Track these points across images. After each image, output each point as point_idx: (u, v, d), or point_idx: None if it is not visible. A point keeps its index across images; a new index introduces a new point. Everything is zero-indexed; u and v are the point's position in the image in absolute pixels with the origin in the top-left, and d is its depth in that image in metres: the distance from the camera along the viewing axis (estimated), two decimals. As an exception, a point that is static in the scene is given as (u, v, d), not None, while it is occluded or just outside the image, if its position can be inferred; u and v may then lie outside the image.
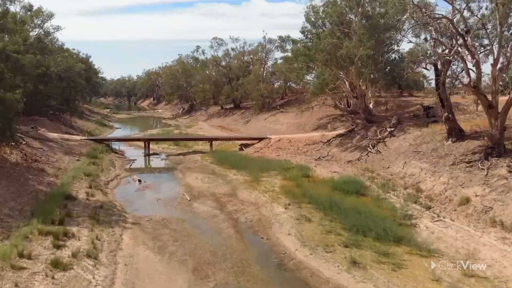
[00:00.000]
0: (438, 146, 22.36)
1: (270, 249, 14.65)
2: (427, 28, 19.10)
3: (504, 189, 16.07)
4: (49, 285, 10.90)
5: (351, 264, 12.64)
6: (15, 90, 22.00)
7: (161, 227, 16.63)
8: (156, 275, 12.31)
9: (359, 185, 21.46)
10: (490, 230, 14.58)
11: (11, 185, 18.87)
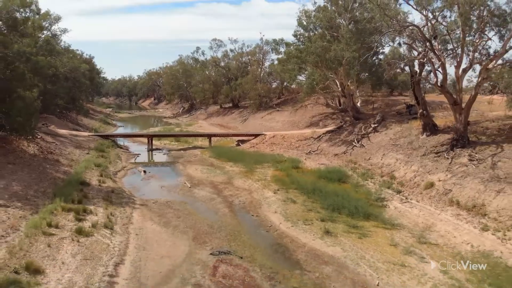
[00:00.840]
0: (413, 140, 24.87)
1: (259, 223, 17.17)
2: (401, 34, 21.59)
3: (463, 174, 18.57)
4: (75, 246, 13.38)
5: (324, 234, 15.15)
6: (32, 89, 24.50)
7: (165, 208, 19.13)
8: (162, 242, 14.80)
9: (342, 174, 24.01)
10: (447, 209, 17.09)
11: (33, 172, 21.37)
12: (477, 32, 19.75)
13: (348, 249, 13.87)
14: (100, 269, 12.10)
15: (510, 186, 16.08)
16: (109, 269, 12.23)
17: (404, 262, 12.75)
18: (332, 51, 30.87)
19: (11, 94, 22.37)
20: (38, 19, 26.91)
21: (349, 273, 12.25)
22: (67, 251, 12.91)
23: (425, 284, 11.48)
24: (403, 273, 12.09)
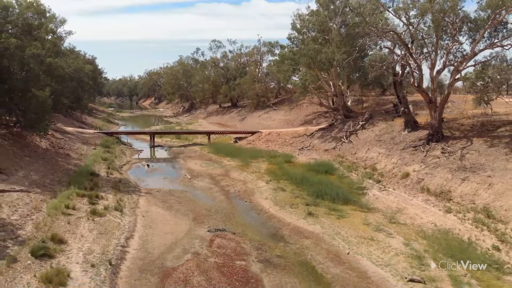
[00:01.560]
0: (396, 135, 27.02)
1: (251, 208, 19.32)
2: (382, 39, 23.72)
3: (435, 165, 20.73)
4: (91, 223, 15.52)
5: (307, 215, 17.30)
6: (45, 89, 26.63)
7: (168, 195, 21.27)
8: (166, 222, 16.94)
9: (329, 167, 26.17)
10: (419, 195, 19.25)
11: (47, 164, 23.53)
12: (450, 37, 21.85)
13: (326, 227, 16.02)
14: (113, 241, 14.24)
15: (474, 175, 18.24)
16: (121, 241, 14.37)
17: (373, 237, 14.90)
18: (323, 53, 32.95)
19: (27, 93, 24.50)
20: (47, 22, 28.83)
21: (325, 245, 14.40)
22: (84, 227, 15.06)
23: (388, 253, 13.62)
24: (371, 245, 14.24)
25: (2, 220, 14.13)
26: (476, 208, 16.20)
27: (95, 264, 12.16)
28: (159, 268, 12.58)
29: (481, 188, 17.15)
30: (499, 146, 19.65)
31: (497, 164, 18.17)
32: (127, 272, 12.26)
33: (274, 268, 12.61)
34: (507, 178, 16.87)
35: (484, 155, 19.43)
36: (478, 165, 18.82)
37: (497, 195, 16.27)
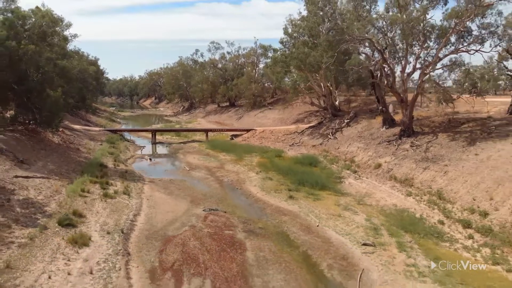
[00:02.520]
0: (374, 132, 29.89)
1: (241, 193, 22.20)
2: (360, 45, 26.58)
3: (403, 157, 23.61)
4: (104, 204, 18.37)
5: (288, 198, 20.18)
6: (57, 89, 29.48)
7: (169, 183, 24.13)
8: (167, 203, 19.79)
9: (314, 160, 29.04)
10: (387, 182, 22.12)
11: (61, 157, 26.39)
12: (419, 44, 24.71)
13: (303, 207, 18.89)
14: (123, 216, 17.10)
15: (434, 164, 21.12)
16: (130, 217, 17.23)
17: (340, 214, 17.77)
18: (311, 57, 35.77)
19: (42, 94, 27.34)
20: (60, 30, 31.66)
21: (300, 220, 17.27)
22: (98, 206, 17.92)
23: (351, 226, 16.47)
24: (337, 220, 17.10)
25: (31, 199, 17.00)
26: (432, 191, 19.08)
27: (110, 232, 15.03)
28: (162, 236, 15.43)
29: (438, 175, 20.03)
30: (459, 140, 22.50)
31: (454, 155, 21.04)
32: (136, 239, 15.12)
33: (256, 236, 15.47)
34: (459, 166, 19.74)
35: (445, 148, 22.31)
36: (438, 156, 21.69)
37: (449, 181, 19.15)
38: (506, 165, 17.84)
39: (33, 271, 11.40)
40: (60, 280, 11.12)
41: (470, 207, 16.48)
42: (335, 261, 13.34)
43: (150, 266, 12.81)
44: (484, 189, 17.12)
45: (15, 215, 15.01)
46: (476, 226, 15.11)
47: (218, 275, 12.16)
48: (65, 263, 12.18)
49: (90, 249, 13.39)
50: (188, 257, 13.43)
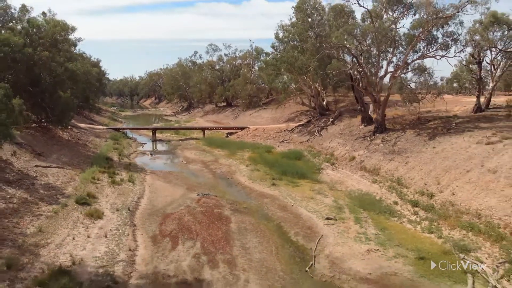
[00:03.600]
0: (354, 129, 33.04)
1: (231, 182, 25.38)
2: (338, 51, 29.75)
3: (374, 150, 26.77)
4: (112, 189, 21.51)
5: (271, 185, 23.34)
6: (67, 91, 32.64)
7: (168, 174, 27.28)
8: (166, 189, 22.93)
9: (299, 154, 32.17)
10: (358, 172, 25.28)
11: (71, 151, 29.55)
12: (389, 50, 27.89)
13: (282, 192, 22.06)
14: (129, 199, 20.25)
15: (398, 156, 24.28)
16: (135, 199, 20.38)
17: (313, 197, 20.93)
18: (299, 60, 38.89)
19: (54, 95, 30.50)
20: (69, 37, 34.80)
21: (278, 201, 20.44)
22: (108, 190, 21.08)
23: (320, 205, 19.61)
24: (309, 201, 20.26)
25: (51, 184, 20.18)
26: (393, 179, 22.26)
27: (119, 209, 18.19)
28: (161, 213, 18.57)
29: (400, 165, 23.21)
30: (422, 135, 25.66)
31: (415, 148, 24.21)
32: (140, 215, 18.26)
33: (240, 213, 18.63)
34: (418, 158, 22.91)
35: (410, 142, 25.48)
36: (403, 149, 24.86)
37: (408, 170, 22.33)
38: (455, 155, 21.01)
39: (60, 234, 14.55)
40: (82, 240, 14.27)
41: (421, 191, 19.66)
42: (302, 230, 16.50)
43: (152, 233, 15.96)
44: (434, 175, 20.30)
45: (40, 195, 18.18)
46: (422, 205, 18.28)
47: (206, 239, 15.31)
48: (84, 229, 15.34)
49: (103, 221, 16.55)
50: (183, 228, 16.58)
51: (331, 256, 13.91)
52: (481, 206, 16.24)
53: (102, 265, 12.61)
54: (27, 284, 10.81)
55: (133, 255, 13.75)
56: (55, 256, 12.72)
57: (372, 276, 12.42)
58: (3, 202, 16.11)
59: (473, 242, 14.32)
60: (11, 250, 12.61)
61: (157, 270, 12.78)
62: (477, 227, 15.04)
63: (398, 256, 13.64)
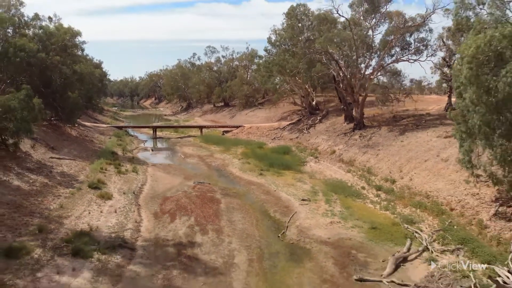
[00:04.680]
0: (338, 126, 36.14)
1: (224, 173, 28.47)
2: (322, 56, 32.86)
3: (352, 145, 29.86)
4: (119, 177, 24.57)
5: (259, 175, 26.41)
6: (75, 91, 35.72)
7: (167, 166, 30.36)
8: (166, 178, 25.99)
9: (287, 149, 35.27)
10: (337, 164, 28.37)
11: (80, 146, 32.63)
12: (366, 55, 30.99)
13: (268, 180, 25.15)
14: (134, 185, 23.31)
15: (371, 149, 27.38)
16: (139, 185, 23.44)
17: (294, 184, 24.01)
18: (289, 63, 41.95)
19: (64, 95, 33.57)
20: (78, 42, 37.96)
21: (263, 188, 23.52)
22: (115, 178, 24.15)
23: (298, 190, 22.68)
24: (290, 187, 23.34)
25: (66, 172, 23.26)
26: (364, 168, 25.35)
27: (125, 193, 21.26)
28: (162, 196, 21.63)
29: (372, 157, 26.31)
30: (394, 131, 28.75)
31: (386, 142, 27.31)
32: (143, 198, 21.32)
33: (229, 196, 21.71)
34: (387, 150, 26.01)
35: (383, 137, 28.57)
36: (376, 143, 27.96)
37: (378, 161, 25.42)
38: (417, 148, 24.10)
39: (78, 209, 17.61)
40: (96, 214, 17.33)
41: (385, 178, 22.76)
42: (279, 208, 19.59)
43: (154, 211, 19.02)
44: (398, 165, 23.40)
45: (58, 181, 21.26)
46: (384, 189, 21.38)
47: (199, 215, 18.37)
48: (97, 207, 18.41)
49: (113, 201, 19.62)
50: (180, 207, 19.64)
51: (300, 226, 16.98)
52: (431, 188, 19.34)
53: (114, 231, 15.67)
54: (56, 242, 13.85)
55: (139, 226, 16.83)
56: (75, 225, 15.78)
57: (330, 240, 15.48)
58: (28, 185, 19.19)
59: (419, 217, 17.41)
60: (39, 220, 15.65)
61: (158, 236, 15.86)
62: (424, 205, 18.13)
63: (355, 227, 16.71)
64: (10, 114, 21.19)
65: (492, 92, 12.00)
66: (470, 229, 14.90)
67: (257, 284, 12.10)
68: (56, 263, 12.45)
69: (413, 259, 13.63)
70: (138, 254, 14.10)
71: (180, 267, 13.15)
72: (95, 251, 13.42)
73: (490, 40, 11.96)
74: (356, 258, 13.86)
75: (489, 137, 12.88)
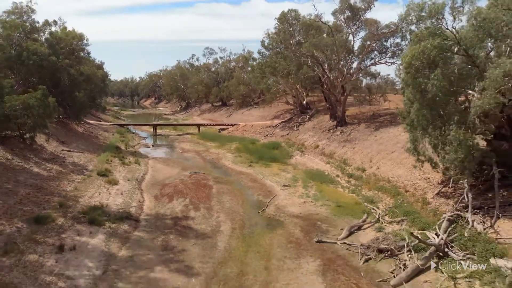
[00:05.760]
0: (324, 124, 39.26)
1: (218, 165, 31.61)
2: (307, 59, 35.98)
3: (333, 140, 32.99)
4: (123, 167, 27.68)
5: (249, 166, 29.55)
6: (81, 91, 38.85)
7: (167, 160, 33.48)
8: (165, 169, 29.10)
9: (277, 144, 38.39)
10: (319, 157, 31.49)
11: (86, 141, 35.75)
12: (346, 59, 34.12)
13: (256, 170, 28.27)
14: (136, 174, 26.43)
15: (349, 144, 30.51)
16: (141, 174, 26.56)
17: (278, 173, 27.13)
18: (281, 65, 45.03)
19: (72, 95, 36.69)
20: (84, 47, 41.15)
21: (251, 176, 26.64)
22: (120, 168, 27.26)
23: (281, 178, 25.78)
24: (275, 176, 26.46)
25: (76, 163, 26.38)
26: (341, 160, 28.48)
27: (129, 180, 24.37)
28: (161, 183, 24.74)
29: (349, 150, 29.44)
30: (371, 127, 31.86)
31: (363, 137, 30.43)
32: (145, 184, 24.43)
33: (220, 183, 24.82)
34: (362, 144, 29.14)
35: (360, 133, 31.69)
36: (354, 138, 31.08)
37: (353, 153, 28.55)
38: (387, 141, 27.22)
39: (89, 191, 20.71)
40: (105, 195, 20.44)
41: (357, 167, 25.88)
42: (263, 192, 22.71)
43: (154, 194, 22.13)
44: (369, 156, 26.53)
45: (70, 169, 24.38)
46: (354, 176, 24.50)
47: (193, 197, 21.49)
48: (106, 190, 21.52)
49: (119, 186, 22.73)
50: (177, 191, 22.74)
51: (278, 205, 20.11)
52: (393, 175, 22.47)
53: (121, 208, 18.79)
54: (75, 214, 16.95)
55: (142, 205, 19.96)
56: (89, 202, 18.89)
57: (301, 214, 18.60)
58: (46, 172, 22.30)
59: (379, 197, 20.52)
60: (59, 198, 18.75)
61: (158, 212, 18.98)
62: (385, 188, 21.24)
63: (324, 205, 19.84)
64: (29, 111, 24.33)
65: (424, 92, 15.09)
66: (416, 205, 18.01)
67: (237, 244, 15.20)
68: (76, 228, 15.57)
69: (366, 228, 16.74)
70: (142, 224, 17.23)
71: (176, 233, 16.26)
72: (107, 221, 16.52)
73: (423, 49, 15.02)
74: (320, 227, 16.98)
75: (425, 128, 15.97)
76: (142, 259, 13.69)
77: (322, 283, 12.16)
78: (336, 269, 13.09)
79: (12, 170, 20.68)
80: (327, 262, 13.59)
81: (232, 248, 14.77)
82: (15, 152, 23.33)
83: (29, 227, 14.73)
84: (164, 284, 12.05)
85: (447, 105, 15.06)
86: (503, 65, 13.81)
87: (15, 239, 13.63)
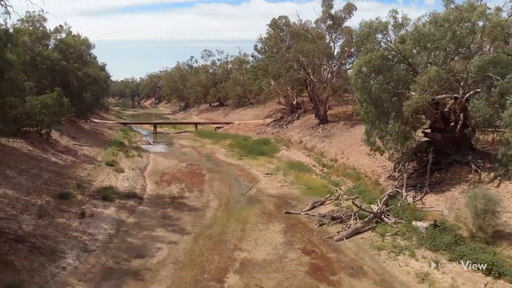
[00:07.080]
0: (309, 122, 43.12)
1: (212, 158, 35.49)
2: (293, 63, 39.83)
3: (315, 136, 36.87)
4: (127, 159, 31.53)
5: (239, 159, 33.44)
6: (88, 92, 42.73)
7: (166, 154, 37.36)
8: (165, 161, 32.96)
9: (267, 141, 42.28)
10: (302, 150, 35.37)
11: (93, 137, 39.63)
12: (327, 63, 37.98)
13: (245, 162, 32.16)
14: (139, 164, 30.30)
15: (327, 139, 34.38)
16: (143, 165, 30.43)
17: (264, 164, 31.00)
18: (271, 68, 48.86)
19: (80, 95, 40.56)
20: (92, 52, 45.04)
21: (240, 167, 30.52)
22: (125, 160, 31.14)
23: (266, 168, 29.64)
24: (260, 166, 30.33)
25: (87, 155, 30.27)
26: (319, 153, 32.36)
27: (133, 169, 28.25)
28: (161, 172, 28.60)
29: (327, 145, 33.32)
30: (348, 125, 35.72)
31: (340, 133, 34.29)
32: (147, 173, 28.29)
33: (213, 173, 28.68)
34: (338, 139, 33.02)
35: (338, 130, 35.55)
36: (332, 134, 34.94)
37: (330, 147, 32.43)
38: (358, 136, 30.88)
39: (100, 177, 24.56)
40: (114, 180, 24.30)
41: (331, 158, 29.76)
42: (248, 179, 26.58)
43: (155, 180, 26.00)
44: (342, 149, 30.40)
45: (82, 160, 28.26)
46: (327, 166, 28.38)
47: (188, 182, 25.35)
48: (114, 176, 25.39)
49: (125, 173, 26.60)
50: (174, 178, 26.60)
51: (260, 188, 24.00)
52: (358, 164, 26.33)
53: (127, 189, 22.64)
54: (90, 192, 20.82)
55: (144, 188, 23.85)
56: (101, 184, 22.74)
57: (277, 195, 22.48)
58: (62, 161, 26.18)
59: (343, 181, 24.39)
60: (76, 181, 22.60)
61: (158, 193, 22.85)
62: (350, 174, 25.10)
63: (297, 188, 23.72)
64: (46, 110, 28.20)
65: (370, 94, 18.94)
66: (370, 186, 21.87)
67: (221, 214, 19.09)
68: (92, 202, 19.44)
69: (327, 204, 20.61)
70: (145, 201, 21.13)
71: (173, 207, 20.14)
72: (117, 198, 20.39)
73: (369, 59, 18.88)
74: (290, 204, 20.86)
75: (373, 123, 19.83)
76: (146, 224, 17.58)
77: (282, 238, 16.04)
78: (296, 230, 16.97)
79: (35, 159, 24.56)
80: (290, 226, 17.48)
81: (217, 217, 18.66)
82: (34, 144, 27.21)
83: (55, 201, 18.59)
84: (163, 239, 15.92)
85: (388, 104, 18.93)
86: (428, 72, 17.71)
87: (46, 209, 17.50)
